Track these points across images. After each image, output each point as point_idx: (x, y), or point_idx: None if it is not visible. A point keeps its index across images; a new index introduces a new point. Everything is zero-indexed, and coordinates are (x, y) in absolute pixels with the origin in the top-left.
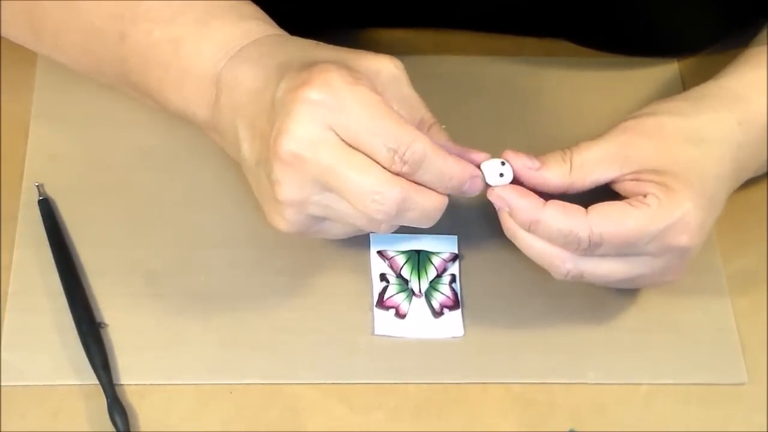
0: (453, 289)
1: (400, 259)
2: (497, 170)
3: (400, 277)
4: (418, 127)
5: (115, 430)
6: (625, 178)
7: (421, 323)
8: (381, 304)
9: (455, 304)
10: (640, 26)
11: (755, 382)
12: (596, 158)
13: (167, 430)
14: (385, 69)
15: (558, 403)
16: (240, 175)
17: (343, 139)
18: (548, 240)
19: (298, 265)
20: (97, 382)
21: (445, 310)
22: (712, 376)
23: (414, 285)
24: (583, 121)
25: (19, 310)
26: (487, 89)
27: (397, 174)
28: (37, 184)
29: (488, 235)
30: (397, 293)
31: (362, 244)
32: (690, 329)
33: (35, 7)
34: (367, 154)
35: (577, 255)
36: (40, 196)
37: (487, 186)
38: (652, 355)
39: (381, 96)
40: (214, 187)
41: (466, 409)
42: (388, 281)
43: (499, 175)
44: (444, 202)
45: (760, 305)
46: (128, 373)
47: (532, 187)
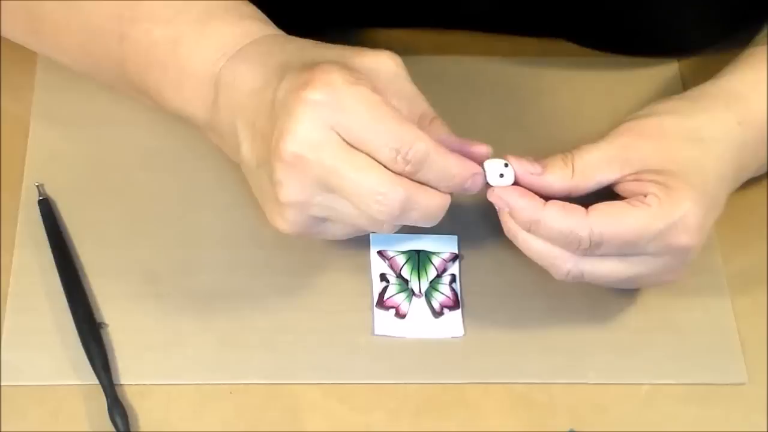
0: (453, 289)
1: (400, 259)
2: (499, 170)
3: (400, 277)
4: (420, 122)
5: (115, 430)
6: (626, 179)
7: (421, 323)
8: (381, 304)
9: (455, 304)
10: (640, 26)
11: (755, 382)
12: (597, 161)
13: (167, 430)
14: (384, 65)
15: (558, 403)
16: (240, 175)
17: (345, 140)
18: (549, 240)
19: (298, 265)
20: (97, 382)
21: (445, 310)
22: (712, 376)
23: (414, 285)
24: (583, 121)
25: (19, 311)
26: (487, 89)
27: (400, 174)
28: (37, 184)
29: (488, 235)
30: (397, 293)
31: (362, 244)
32: (690, 329)
33: (35, 7)
34: (370, 155)
35: (578, 255)
36: (40, 196)
37: (488, 186)
38: (652, 355)
39: (382, 95)
40: (215, 187)
41: (466, 409)
42: (388, 281)
43: (499, 176)
44: (447, 201)
45: (760, 305)
46: (128, 373)
47: (534, 191)
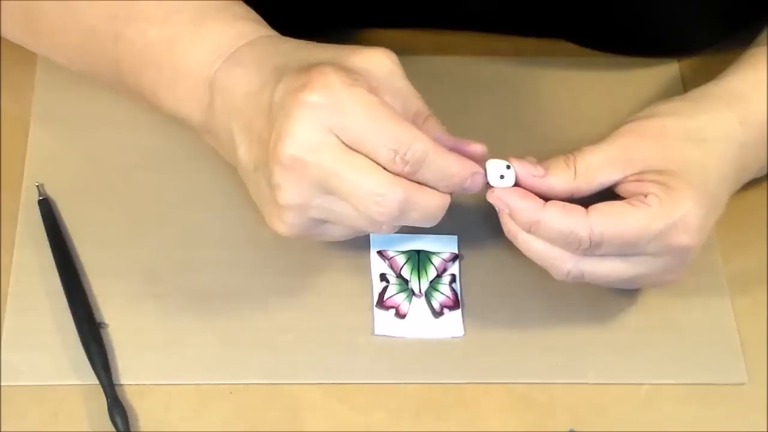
0: (453, 289)
1: (400, 259)
2: (500, 171)
3: (400, 277)
4: (414, 120)
5: (115, 430)
6: (628, 179)
7: (421, 323)
8: (381, 304)
9: (455, 304)
10: (640, 26)
11: (755, 382)
12: (599, 162)
13: (167, 430)
14: (380, 63)
15: (558, 404)
16: (240, 176)
17: (343, 142)
18: (549, 240)
19: (298, 265)
20: (97, 382)
21: (445, 310)
22: (712, 376)
23: (414, 285)
24: (583, 121)
25: (19, 311)
26: (487, 89)
27: (399, 174)
28: (37, 184)
29: (488, 235)
30: (397, 293)
31: (362, 245)
32: (690, 329)
33: (32, 7)
34: (368, 156)
35: (578, 255)
36: (40, 196)
37: (488, 186)
38: (652, 355)
39: (378, 93)
40: (215, 187)
41: (466, 409)
42: (388, 281)
43: (500, 177)
44: (446, 201)
45: (760, 305)
46: (128, 373)
47: (536, 193)
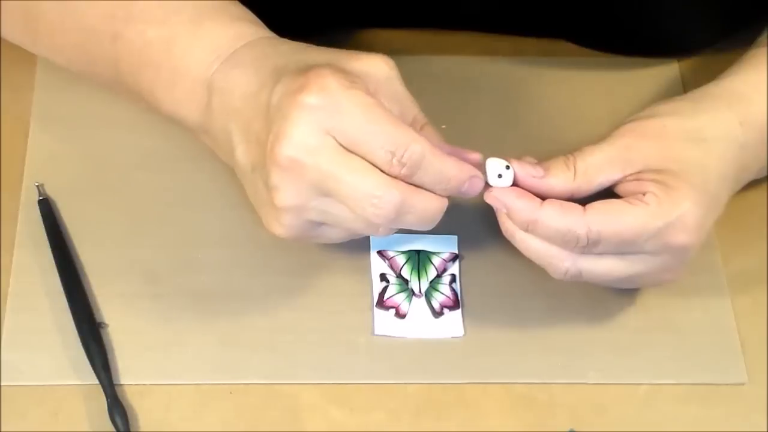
0: (453, 289)
1: (400, 259)
2: (498, 171)
3: (400, 277)
4: (411, 127)
5: (115, 430)
6: (627, 179)
7: (421, 323)
8: (381, 304)
9: (455, 304)
10: (640, 26)
11: (755, 382)
12: (599, 162)
13: (167, 430)
14: (377, 69)
15: (558, 403)
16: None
17: (341, 144)
18: (546, 239)
19: (298, 265)
20: (97, 382)
21: (445, 310)
22: (712, 376)
23: (414, 285)
24: (583, 121)
25: (19, 311)
26: (487, 89)
27: (396, 177)
28: (37, 184)
29: (488, 235)
30: (397, 293)
31: (362, 245)
32: (690, 329)
33: (32, 7)
34: (365, 158)
35: (576, 253)
36: (40, 196)
37: (486, 186)
38: (652, 355)
39: (375, 98)
40: (215, 188)
41: (466, 409)
42: (388, 281)
43: (497, 176)
44: (443, 205)
45: (760, 305)
46: (128, 373)
47: (536, 193)
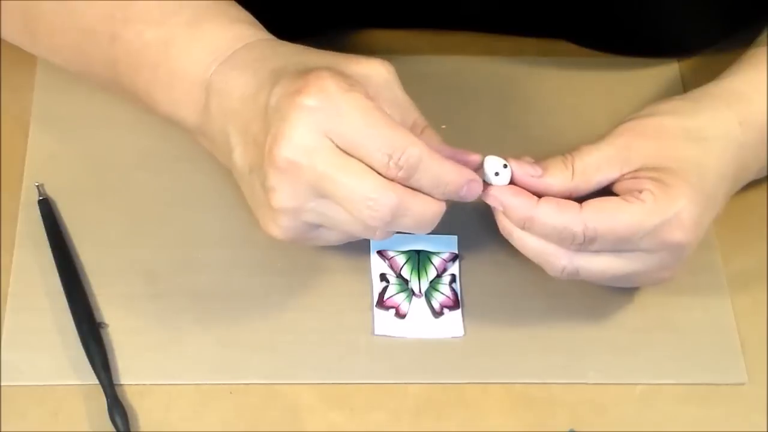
0: (453, 289)
1: (400, 259)
2: (496, 169)
3: (400, 277)
4: (411, 131)
5: (115, 430)
6: (625, 177)
7: (421, 323)
8: (381, 304)
9: (455, 304)
10: (640, 26)
11: (755, 382)
12: (597, 161)
13: (167, 430)
14: (376, 73)
15: (558, 403)
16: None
17: (339, 146)
18: (543, 237)
19: (298, 265)
20: (97, 382)
21: (445, 310)
22: (712, 376)
23: (414, 285)
24: (582, 121)
25: (19, 310)
26: (487, 89)
27: (393, 179)
28: (37, 184)
29: (488, 235)
30: (397, 293)
31: (362, 244)
32: (690, 329)
33: (31, 8)
34: (363, 160)
35: (572, 251)
36: (40, 196)
37: (485, 185)
38: (652, 355)
39: (375, 101)
40: (215, 188)
41: (466, 409)
42: (388, 281)
43: (494, 174)
44: (441, 209)
45: (760, 305)
46: (128, 373)
47: (534, 193)
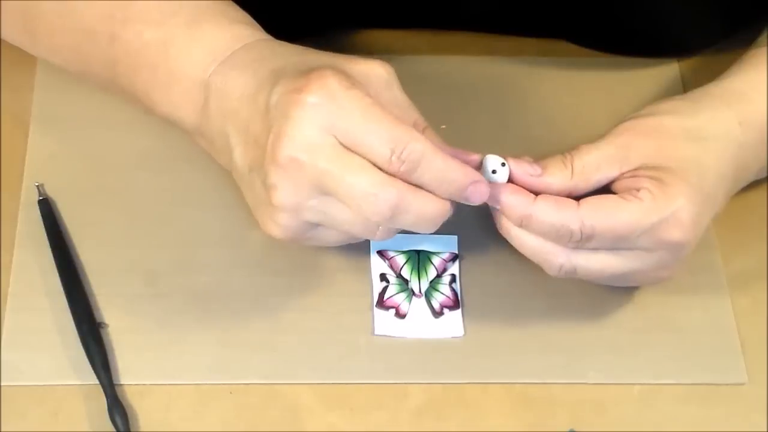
0: (453, 289)
1: (400, 259)
2: (494, 167)
3: (400, 277)
4: None
5: (115, 430)
6: (624, 176)
7: (421, 323)
8: (381, 304)
9: (455, 304)
10: (640, 26)
11: (755, 382)
12: (597, 161)
13: (167, 430)
14: (376, 74)
15: (558, 403)
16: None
17: (341, 143)
18: (541, 235)
19: (298, 265)
20: (97, 382)
21: (445, 310)
22: (712, 376)
23: (414, 285)
24: (582, 121)
25: (19, 310)
26: (487, 89)
27: (396, 175)
28: (37, 184)
29: (488, 235)
30: (397, 293)
31: (362, 244)
32: (690, 329)
33: (31, 8)
34: (365, 157)
35: (570, 249)
36: (40, 196)
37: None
38: (652, 355)
39: (376, 100)
40: (215, 187)
41: (466, 409)
42: (388, 281)
43: (492, 172)
44: (444, 208)
45: (760, 305)
46: (128, 373)
47: (534, 191)
